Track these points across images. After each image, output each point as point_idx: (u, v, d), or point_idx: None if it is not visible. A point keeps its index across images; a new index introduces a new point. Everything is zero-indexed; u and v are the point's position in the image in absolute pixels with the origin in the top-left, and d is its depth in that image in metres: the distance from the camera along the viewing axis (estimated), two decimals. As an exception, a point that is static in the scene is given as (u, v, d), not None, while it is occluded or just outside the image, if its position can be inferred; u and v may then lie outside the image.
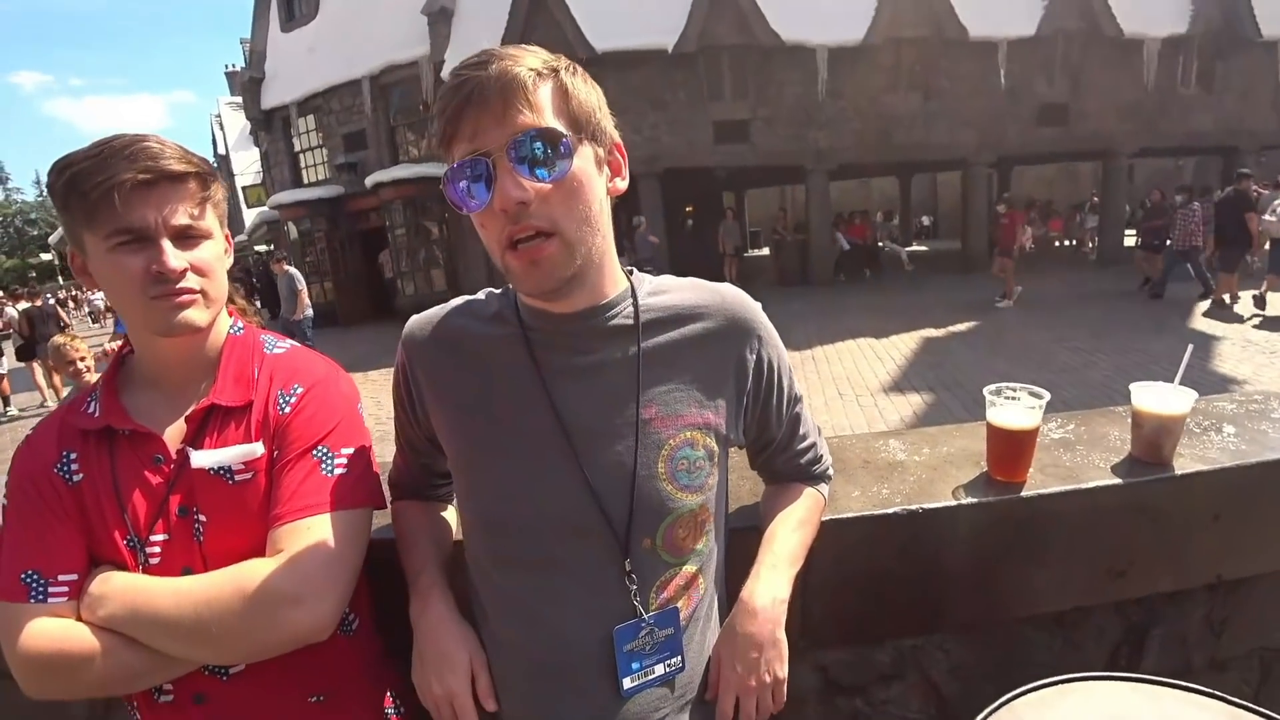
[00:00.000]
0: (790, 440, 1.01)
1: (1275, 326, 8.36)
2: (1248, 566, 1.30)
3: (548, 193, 0.72)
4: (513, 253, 0.74)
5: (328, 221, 16.49)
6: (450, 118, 0.72)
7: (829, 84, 14.03)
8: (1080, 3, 14.30)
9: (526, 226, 0.73)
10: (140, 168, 0.81)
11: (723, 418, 0.88)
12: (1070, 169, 25.65)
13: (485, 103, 0.70)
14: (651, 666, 0.84)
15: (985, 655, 1.29)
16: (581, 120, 0.76)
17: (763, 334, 0.91)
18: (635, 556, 0.82)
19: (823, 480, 1.07)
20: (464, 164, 0.72)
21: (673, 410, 0.84)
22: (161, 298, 0.84)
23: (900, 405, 6.37)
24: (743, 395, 0.91)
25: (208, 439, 0.89)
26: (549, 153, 0.71)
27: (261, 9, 17.68)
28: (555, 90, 0.74)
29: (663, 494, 0.82)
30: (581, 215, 0.75)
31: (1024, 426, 1.17)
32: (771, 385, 0.94)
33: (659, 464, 0.82)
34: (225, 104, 31.27)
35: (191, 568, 0.86)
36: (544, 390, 0.82)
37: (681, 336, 0.86)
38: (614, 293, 0.85)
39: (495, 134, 0.71)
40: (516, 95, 0.70)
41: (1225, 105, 16.10)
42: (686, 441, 0.84)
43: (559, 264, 0.75)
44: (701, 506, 0.86)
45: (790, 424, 0.99)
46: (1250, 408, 1.48)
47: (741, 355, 0.89)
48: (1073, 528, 1.20)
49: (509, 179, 0.71)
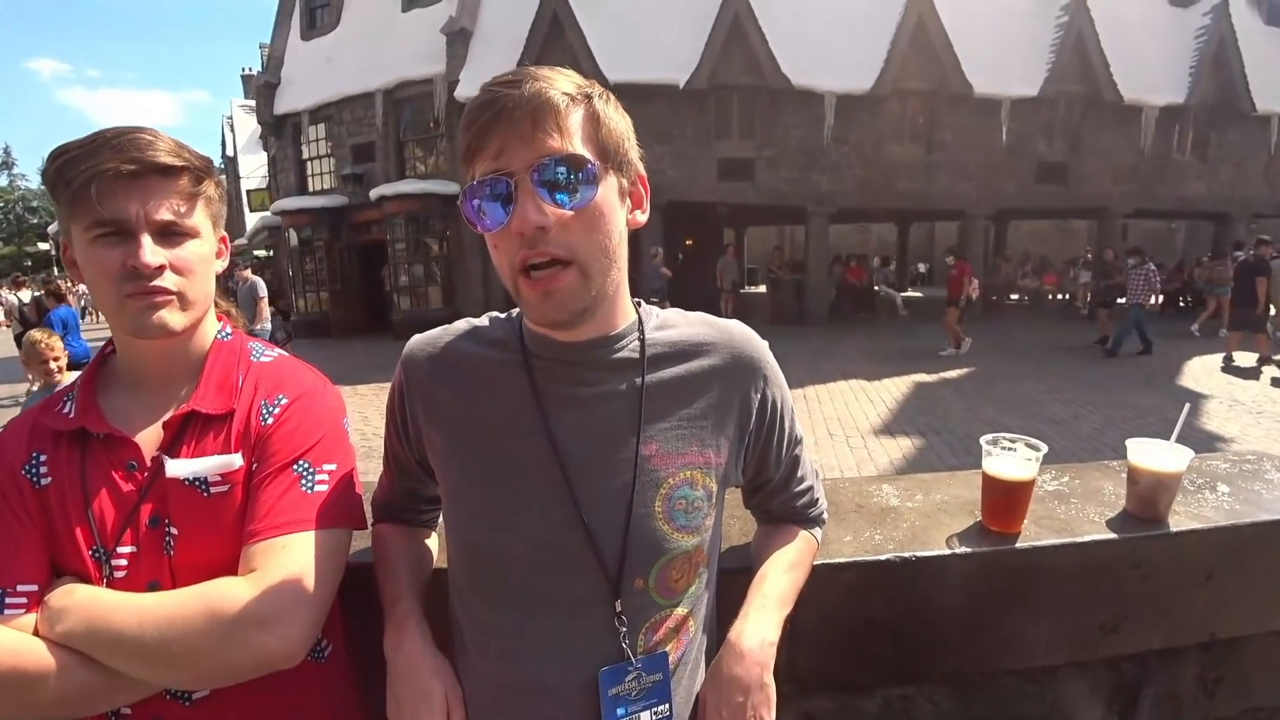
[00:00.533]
0: (788, 482, 0.99)
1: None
2: (1240, 626, 1.29)
3: (568, 220, 0.71)
4: (525, 279, 0.72)
5: (329, 231, 16.53)
6: (477, 132, 0.71)
7: (835, 129, 14.28)
8: (1083, 67, 14.70)
9: (543, 253, 0.71)
10: (125, 158, 0.79)
11: (724, 458, 0.86)
12: (1065, 225, 26.06)
13: (514, 122, 0.69)
14: (638, 713, 0.80)
15: (975, 708, 1.26)
16: (610, 149, 0.74)
17: (768, 373, 0.90)
18: (626, 597, 0.79)
19: (817, 524, 1.05)
20: (485, 181, 0.71)
21: (674, 448, 0.82)
22: (136, 295, 0.81)
23: (890, 448, 6.36)
24: (745, 435, 0.89)
25: (185, 447, 0.85)
26: (573, 179, 0.70)
27: (284, 16, 17.94)
28: (587, 117, 0.73)
29: (659, 534, 0.80)
30: (600, 246, 0.74)
31: (1020, 478, 1.17)
32: (774, 426, 0.92)
33: (656, 503, 0.80)
34: (238, 106, 31.53)
35: (159, 583, 0.81)
36: (543, 419, 0.80)
37: (687, 373, 0.84)
38: (622, 325, 0.83)
39: (521, 154, 0.69)
40: (547, 118, 0.69)
41: (1219, 173, 16.51)
42: (686, 481, 0.82)
43: (573, 295, 0.73)
44: (697, 548, 0.84)
45: (789, 465, 0.97)
46: (1244, 468, 1.48)
47: (746, 394, 0.87)
48: (1066, 581, 1.19)
49: (530, 202, 0.69)
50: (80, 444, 0.84)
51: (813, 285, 15.58)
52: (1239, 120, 16.00)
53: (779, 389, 0.92)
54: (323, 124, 17.19)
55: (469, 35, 14.34)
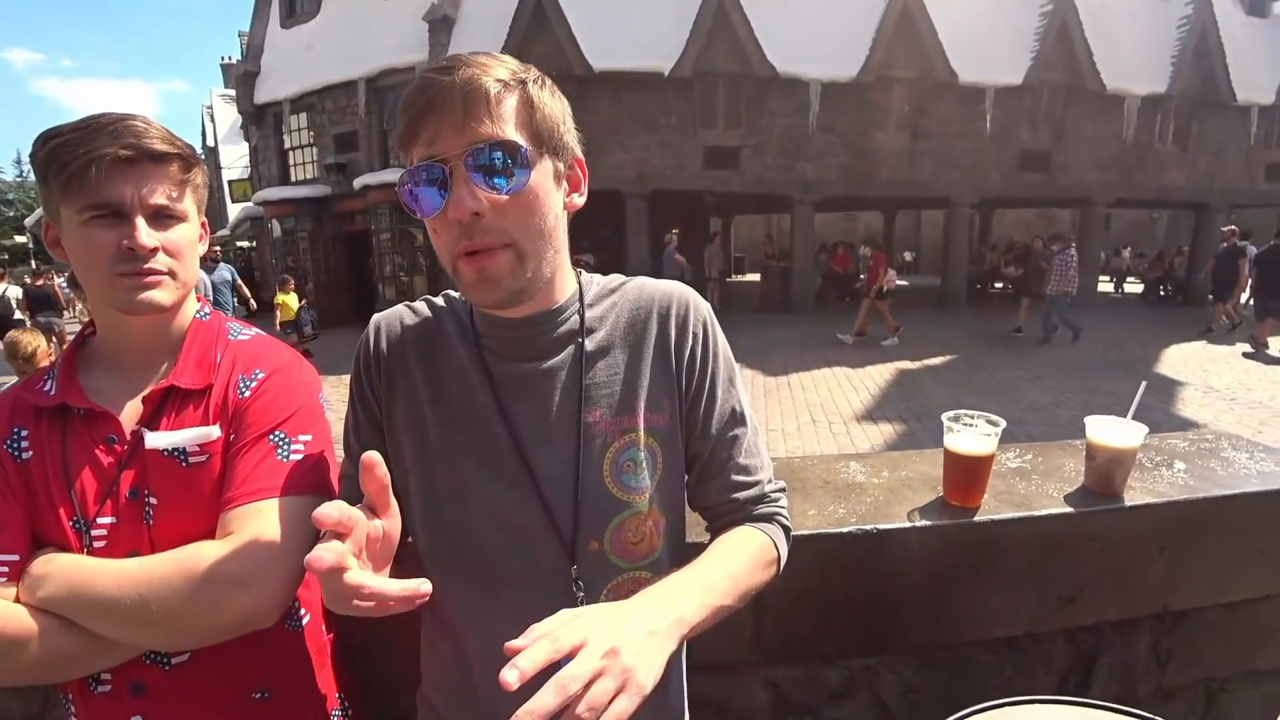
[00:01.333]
0: (725, 465, 0.88)
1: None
2: (1192, 598, 1.33)
3: (503, 205, 0.72)
4: (464, 260, 0.74)
5: (313, 221, 16.35)
6: (412, 118, 0.72)
7: (820, 117, 14.26)
8: (1066, 56, 14.75)
9: (480, 243, 0.72)
10: (123, 144, 0.82)
11: (670, 418, 0.86)
12: (1049, 214, 26.26)
13: (447, 108, 0.70)
14: None
15: (937, 678, 1.30)
16: (544, 134, 0.75)
17: (700, 332, 0.88)
18: (582, 561, 0.81)
19: (770, 524, 0.89)
20: (420, 167, 0.72)
21: (616, 412, 0.83)
22: (129, 275, 0.84)
23: (872, 433, 6.43)
24: (681, 399, 0.87)
25: (164, 421, 0.88)
26: (507, 164, 0.71)
27: (263, 4, 17.62)
28: (521, 102, 0.74)
29: (608, 495, 0.82)
30: (536, 229, 0.75)
31: (979, 453, 1.20)
32: (702, 390, 0.87)
33: (604, 466, 0.82)
34: (218, 96, 31.00)
35: (139, 551, 0.84)
36: (494, 398, 0.82)
37: (624, 336, 0.85)
38: (562, 299, 0.84)
39: (454, 140, 0.70)
40: (479, 104, 0.70)
41: (1199, 163, 16.67)
42: (630, 443, 0.83)
43: (508, 276, 0.74)
44: (650, 509, 0.84)
45: (724, 444, 0.88)
46: (1201, 446, 1.52)
47: (680, 355, 0.87)
48: (1024, 554, 1.22)
49: (464, 188, 0.70)
50: (61, 420, 0.87)
51: (798, 273, 15.62)
52: (1219, 110, 16.15)
53: (713, 353, 0.88)
54: (304, 113, 16.97)
55: (452, 23, 14.18)
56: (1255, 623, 1.40)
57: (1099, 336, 11.41)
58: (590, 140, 0.87)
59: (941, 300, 16.22)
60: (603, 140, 13.68)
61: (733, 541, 0.84)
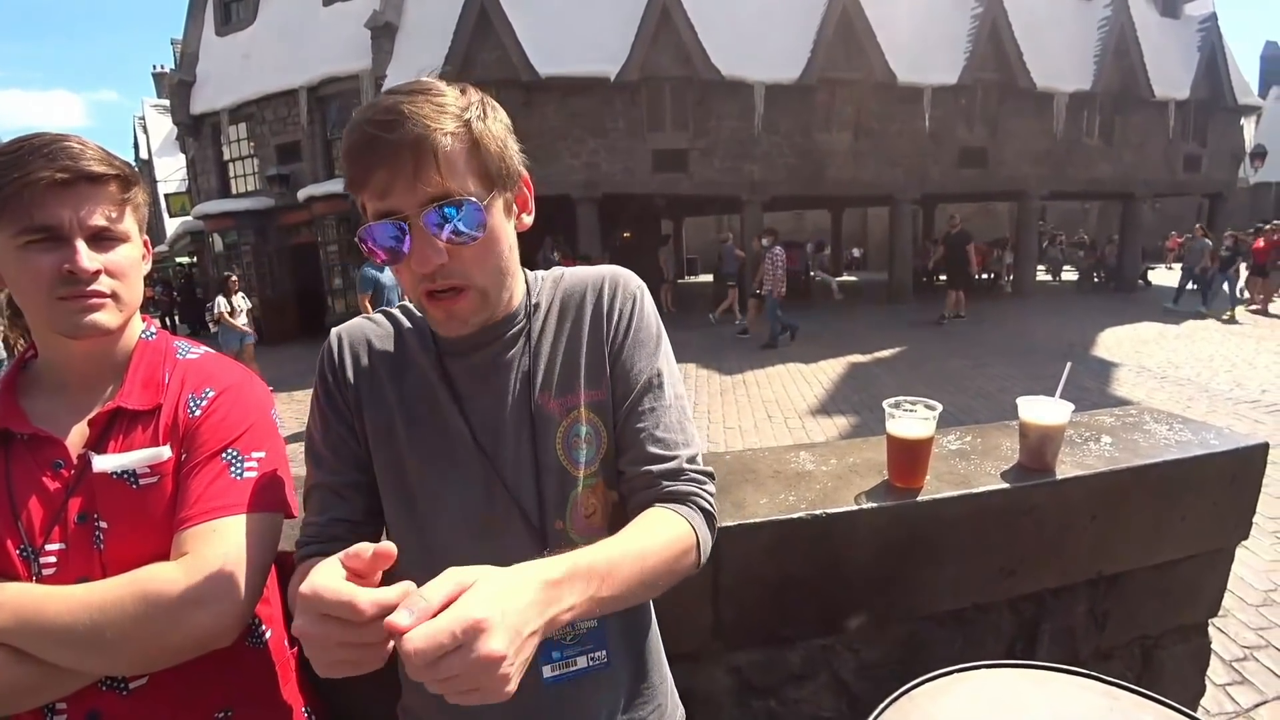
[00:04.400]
0: (639, 435, 0.83)
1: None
2: (1123, 562, 1.42)
3: (463, 252, 0.75)
4: (429, 300, 0.77)
5: (256, 234, 15.92)
6: (361, 169, 0.72)
7: (765, 119, 14.52)
8: (998, 56, 15.35)
9: (443, 285, 0.76)
10: (59, 167, 0.80)
11: (605, 393, 0.88)
12: (988, 208, 27.19)
13: (398, 164, 0.71)
14: (574, 658, 0.84)
15: (892, 654, 1.35)
16: (494, 171, 0.77)
17: (626, 306, 0.89)
18: (552, 544, 0.83)
19: (686, 505, 0.82)
20: (379, 224, 0.73)
21: (561, 393, 0.86)
22: (71, 299, 0.82)
23: (826, 426, 6.57)
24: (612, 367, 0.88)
25: (112, 443, 0.86)
26: (464, 217, 0.73)
27: (196, 10, 17.07)
28: (468, 147, 0.74)
29: (563, 472, 0.84)
30: (495, 267, 0.79)
31: (919, 436, 1.26)
32: (620, 356, 0.86)
33: (556, 444, 0.84)
34: (150, 106, 29.85)
35: (90, 577, 0.82)
36: (453, 398, 0.84)
37: (562, 318, 0.89)
38: (516, 304, 0.87)
39: (408, 197, 0.71)
40: (429, 164, 0.71)
41: (1123, 156, 17.51)
42: (576, 419, 0.85)
43: (474, 313, 0.79)
44: (597, 483, 0.86)
45: (640, 414, 0.84)
46: (1126, 420, 1.62)
47: (608, 325, 0.88)
48: (966, 530, 1.28)
49: (425, 244, 0.72)
50: (4, 446, 0.85)
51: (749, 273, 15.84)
52: (1140, 106, 16.99)
53: (635, 323, 0.88)
54: (244, 123, 16.48)
55: (395, 30, 13.97)
56: (1180, 581, 1.50)
57: (1040, 324, 11.89)
58: (539, 146, 0.90)
59: (890, 294, 16.64)
60: (552, 145, 13.63)
61: (640, 525, 0.77)
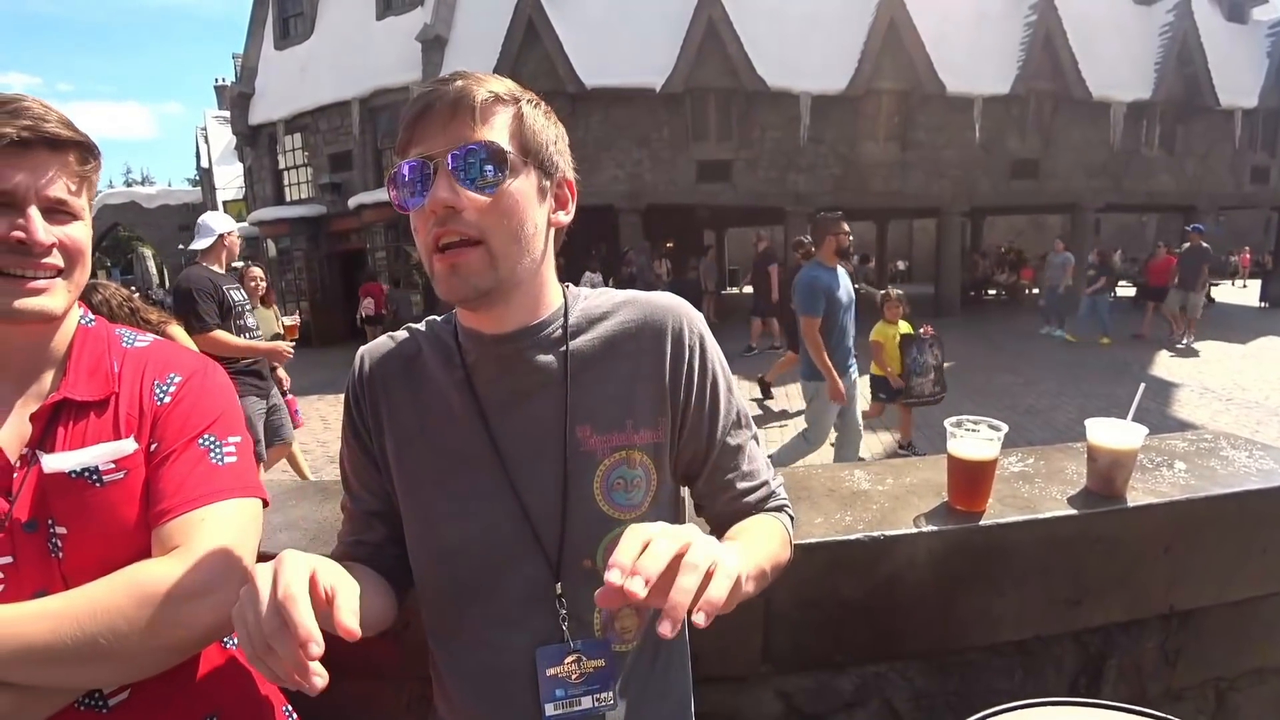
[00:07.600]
0: (733, 472, 0.89)
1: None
2: (1198, 597, 1.34)
3: (482, 204, 0.73)
4: (438, 255, 0.75)
5: (308, 241, 16.42)
6: (407, 125, 0.75)
7: (811, 130, 14.40)
8: (1052, 65, 14.95)
9: (453, 231, 0.74)
10: (21, 126, 0.72)
11: (663, 434, 0.85)
12: (1039, 220, 26.46)
13: (437, 112, 0.73)
14: (578, 698, 0.81)
15: (948, 683, 1.30)
16: (531, 148, 0.77)
17: (695, 343, 0.86)
18: (570, 579, 0.81)
19: (780, 513, 0.92)
20: (407, 164, 0.75)
21: (606, 430, 0.82)
22: (12, 276, 0.73)
23: (871, 443, 6.44)
24: (677, 412, 0.85)
25: (59, 440, 0.77)
26: (489, 166, 0.73)
27: (257, 26, 17.78)
28: (512, 115, 0.76)
29: (599, 514, 0.81)
30: (511, 232, 0.75)
31: (983, 457, 1.21)
32: (703, 400, 0.86)
33: (594, 484, 0.81)
34: (212, 117, 31.05)
35: (47, 590, 0.74)
36: (481, 418, 0.82)
37: (613, 351, 0.84)
38: (546, 313, 0.84)
39: (440, 141, 0.73)
40: (468, 110, 0.73)
41: (1185, 167, 16.87)
42: (622, 460, 0.82)
43: (477, 273, 0.75)
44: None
45: (730, 451, 0.89)
46: (1201, 446, 1.54)
47: (674, 367, 0.85)
48: (1029, 557, 1.23)
49: (444, 182, 0.72)
50: None
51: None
52: (1204, 114, 16.36)
53: (709, 362, 0.87)
54: (299, 133, 17.05)
55: (444, 42, 14.31)
56: (1260, 621, 1.41)
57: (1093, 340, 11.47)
58: (583, 156, 0.88)
59: (937, 308, 16.28)
60: (595, 156, 13.76)
61: (752, 524, 0.87)
